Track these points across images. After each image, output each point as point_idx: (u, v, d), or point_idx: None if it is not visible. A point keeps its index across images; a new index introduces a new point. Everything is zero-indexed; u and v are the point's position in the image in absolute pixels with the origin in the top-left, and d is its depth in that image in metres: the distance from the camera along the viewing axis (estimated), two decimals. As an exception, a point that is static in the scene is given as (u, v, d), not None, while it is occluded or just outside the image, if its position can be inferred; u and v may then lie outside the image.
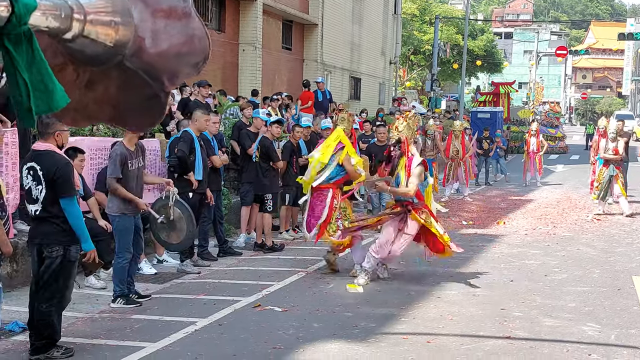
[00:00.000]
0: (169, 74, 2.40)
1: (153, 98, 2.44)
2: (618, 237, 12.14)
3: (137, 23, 2.30)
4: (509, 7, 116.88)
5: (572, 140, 44.95)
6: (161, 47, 2.34)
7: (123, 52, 2.30)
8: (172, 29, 2.34)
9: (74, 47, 2.24)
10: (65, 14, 2.11)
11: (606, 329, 6.60)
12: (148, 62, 2.34)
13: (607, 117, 16.97)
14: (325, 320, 6.78)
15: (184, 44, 2.35)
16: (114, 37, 2.24)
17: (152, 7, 2.33)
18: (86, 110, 2.49)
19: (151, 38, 2.33)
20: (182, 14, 2.34)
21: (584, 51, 65.99)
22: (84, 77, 2.41)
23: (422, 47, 45.80)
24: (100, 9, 2.24)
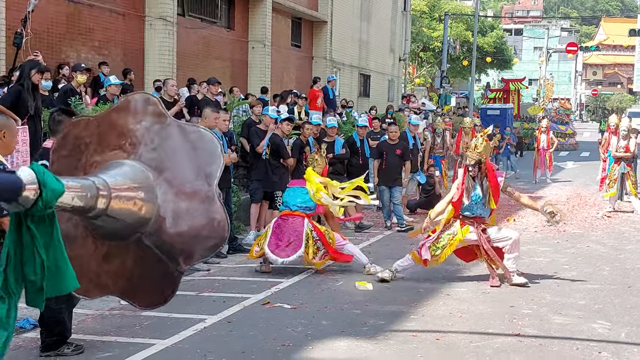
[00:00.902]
0: (186, 254, 2.42)
1: (167, 276, 2.45)
2: (628, 234, 12.10)
3: (160, 203, 2.33)
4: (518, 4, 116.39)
5: (583, 137, 44.76)
6: (181, 228, 2.37)
7: (143, 230, 2.32)
8: (194, 211, 2.36)
9: (97, 222, 2.27)
10: (91, 194, 2.14)
11: (616, 327, 6.58)
12: (166, 241, 2.37)
13: (618, 114, 16.90)
14: (334, 317, 6.79)
15: (204, 227, 2.37)
16: (136, 214, 2.27)
17: (176, 188, 2.36)
18: (99, 281, 2.52)
19: (172, 218, 2.35)
20: (204, 198, 2.36)
21: (595, 47, 65.64)
22: (102, 250, 2.44)
23: (431, 43, 45.71)
24: (126, 186, 2.27)
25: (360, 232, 11.89)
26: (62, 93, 10.49)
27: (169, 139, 2.48)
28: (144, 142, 2.49)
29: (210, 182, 2.44)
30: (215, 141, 2.44)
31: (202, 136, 2.48)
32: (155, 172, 2.44)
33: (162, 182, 2.43)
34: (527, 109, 44.04)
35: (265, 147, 10.52)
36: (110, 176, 2.35)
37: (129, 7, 15.92)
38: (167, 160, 2.46)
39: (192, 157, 2.45)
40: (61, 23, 14.00)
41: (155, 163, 2.45)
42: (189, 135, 2.48)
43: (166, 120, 2.50)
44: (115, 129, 2.55)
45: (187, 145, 2.47)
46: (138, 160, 2.47)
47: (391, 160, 12.26)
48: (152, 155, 2.47)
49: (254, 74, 21.13)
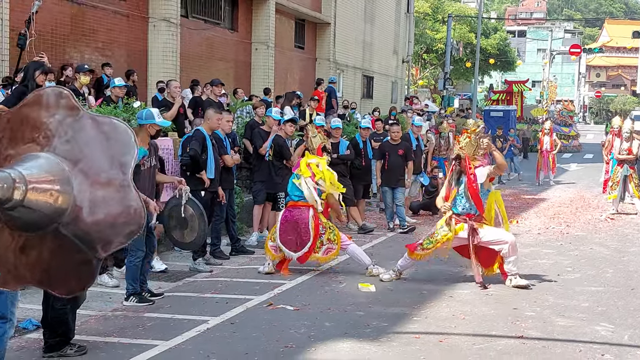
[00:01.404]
0: (103, 242, 2.47)
1: (85, 264, 2.51)
2: (632, 236, 12.08)
3: (76, 193, 2.39)
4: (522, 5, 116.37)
5: (586, 139, 44.71)
6: (98, 217, 2.42)
7: (60, 220, 2.37)
8: (110, 200, 2.42)
9: (13, 214, 2.32)
10: (7, 186, 2.20)
11: (619, 329, 6.57)
12: (84, 230, 2.42)
13: (621, 116, 16.89)
14: (337, 319, 6.79)
15: (120, 214, 2.43)
16: (52, 205, 2.33)
17: (91, 178, 2.42)
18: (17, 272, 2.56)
19: (89, 207, 2.41)
20: (119, 186, 2.42)
21: (598, 49, 65.60)
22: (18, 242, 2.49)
23: (434, 45, 45.71)
24: (42, 178, 2.33)
25: (363, 233, 11.87)
26: (65, 94, 10.49)
27: (82, 130, 2.53)
28: (58, 134, 2.55)
29: (125, 171, 2.50)
30: (129, 132, 2.50)
31: (115, 127, 2.54)
32: (70, 164, 2.50)
33: (78, 173, 2.48)
34: (530, 111, 44.04)
35: (268, 148, 10.53)
36: (26, 168, 2.40)
37: (132, 9, 15.94)
38: (81, 151, 2.52)
39: (106, 147, 2.51)
40: (65, 24, 14.02)
41: (70, 155, 2.51)
42: (102, 126, 2.54)
43: (79, 112, 2.56)
44: (28, 123, 2.61)
45: (100, 137, 2.53)
46: (53, 152, 2.53)
47: (394, 160, 12.26)
48: (67, 147, 2.52)
49: (257, 75, 21.14)
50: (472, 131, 8.35)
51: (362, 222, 12.19)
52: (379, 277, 8.41)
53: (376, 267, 8.63)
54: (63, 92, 2.56)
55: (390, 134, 12.71)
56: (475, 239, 8.06)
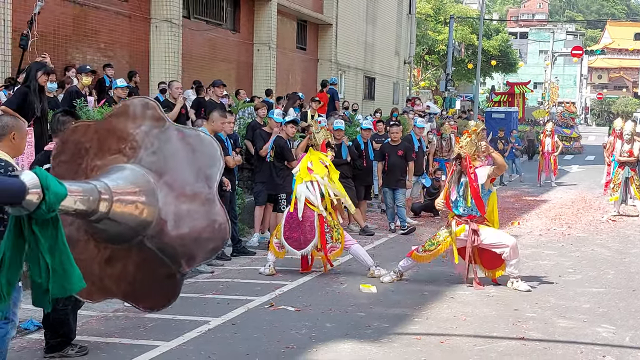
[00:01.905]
0: (187, 256, 2.44)
1: (169, 278, 2.48)
2: (633, 238, 12.08)
3: (161, 206, 2.35)
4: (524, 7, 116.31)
5: (588, 140, 44.67)
6: (182, 230, 2.39)
7: (145, 233, 2.34)
8: (195, 214, 2.39)
9: (99, 226, 2.29)
10: (93, 198, 2.16)
11: (621, 331, 6.57)
12: (168, 243, 2.39)
13: (623, 117, 16.88)
14: (338, 320, 6.79)
15: (205, 229, 2.39)
16: (137, 217, 2.30)
17: (177, 191, 2.38)
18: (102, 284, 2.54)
19: (173, 221, 2.38)
20: (205, 200, 2.39)
21: (600, 51, 65.48)
22: (104, 253, 2.47)
23: (436, 46, 45.68)
24: (128, 190, 2.30)
25: (365, 235, 11.87)
26: (67, 95, 10.52)
27: (168, 142, 2.50)
28: (144, 146, 2.52)
29: (210, 185, 2.46)
30: (214, 144, 2.46)
31: (201, 139, 2.51)
32: (155, 176, 2.47)
33: (163, 185, 2.45)
34: (532, 113, 44.00)
35: (269, 149, 10.53)
36: (112, 180, 2.37)
37: (134, 9, 15.96)
38: (167, 163, 2.49)
39: (192, 160, 2.48)
40: (67, 25, 14.04)
41: (155, 166, 2.48)
42: (188, 138, 2.51)
43: (165, 124, 2.53)
44: (115, 134, 2.58)
45: (186, 149, 2.50)
46: (138, 164, 2.50)
47: (394, 161, 12.27)
48: (152, 159, 2.49)
49: (259, 76, 21.16)
50: (472, 131, 8.35)
51: (364, 224, 12.19)
52: (380, 279, 8.41)
53: (378, 269, 8.64)
54: (150, 102, 2.53)
55: (390, 135, 12.72)
56: (476, 241, 8.06)
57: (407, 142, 13.09)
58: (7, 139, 4.81)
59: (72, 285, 2.15)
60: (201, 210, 2.41)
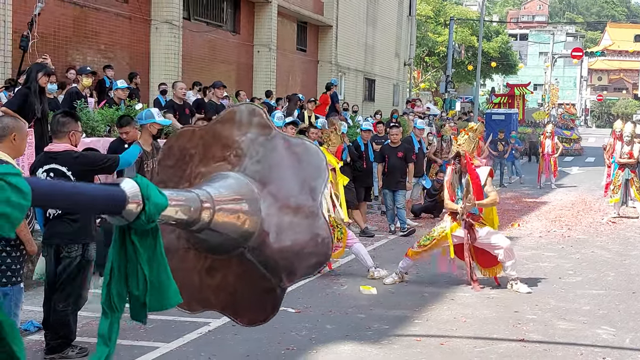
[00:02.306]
0: (288, 271, 2.40)
1: (269, 292, 2.44)
2: (633, 240, 12.08)
3: (264, 217, 2.32)
4: (524, 9, 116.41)
5: (588, 142, 44.67)
6: (284, 243, 2.35)
7: (246, 244, 2.31)
8: (298, 227, 2.34)
9: (200, 236, 2.26)
10: (194, 207, 2.13)
11: (621, 333, 6.57)
12: (269, 256, 2.35)
13: (623, 119, 16.89)
14: (338, 321, 6.79)
15: (307, 243, 2.35)
16: (239, 228, 2.26)
17: (280, 202, 2.34)
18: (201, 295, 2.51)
19: (275, 233, 2.33)
20: (309, 213, 2.34)
21: (600, 53, 65.61)
22: (204, 264, 2.43)
23: (436, 48, 45.72)
24: (231, 199, 2.26)
25: (365, 236, 11.87)
26: (67, 96, 10.53)
27: (274, 151, 2.46)
28: (249, 154, 2.48)
29: (314, 197, 2.40)
30: (320, 155, 2.42)
31: (307, 149, 2.46)
32: (259, 185, 2.42)
33: (266, 196, 2.41)
34: (532, 114, 44.00)
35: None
36: (215, 188, 2.33)
37: (135, 11, 15.97)
38: (271, 173, 2.44)
39: (297, 170, 2.42)
40: (67, 26, 14.05)
41: (259, 176, 2.44)
42: (294, 147, 2.45)
43: (271, 132, 2.48)
44: (220, 141, 2.53)
45: (292, 158, 2.44)
46: (242, 172, 2.45)
47: (394, 163, 12.27)
48: (257, 168, 2.45)
49: (259, 77, 21.18)
50: (470, 128, 8.38)
51: (364, 226, 12.19)
52: (380, 280, 8.42)
53: (377, 270, 8.64)
54: (256, 109, 2.50)
55: (390, 136, 12.73)
56: (472, 236, 8.03)
57: (407, 143, 13.09)
58: (7, 140, 4.82)
59: (169, 299, 2.14)
60: (304, 223, 2.36)
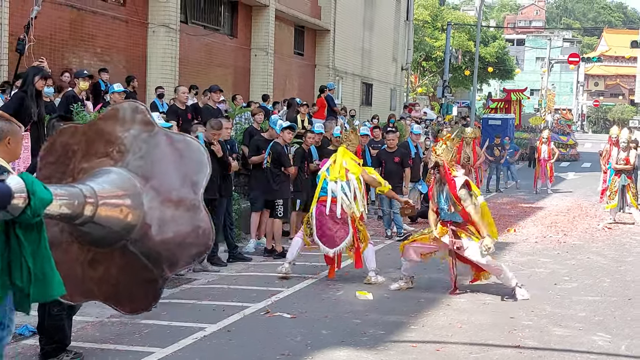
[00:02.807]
0: (170, 261, 2.45)
1: (151, 282, 2.48)
2: (629, 246, 12.09)
3: (146, 210, 2.36)
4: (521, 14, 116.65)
5: (584, 147, 44.71)
6: (166, 235, 2.40)
7: (129, 237, 2.34)
8: (179, 219, 2.40)
9: (83, 229, 2.29)
10: (78, 202, 2.16)
11: (616, 339, 6.57)
12: (152, 248, 2.40)
13: (619, 125, 16.93)
14: (334, 327, 6.78)
15: (189, 235, 2.40)
16: (122, 221, 2.29)
17: (162, 196, 2.39)
18: (84, 286, 2.53)
19: (158, 225, 2.38)
20: (190, 206, 2.40)
21: (596, 58, 65.74)
22: (87, 256, 2.46)
23: (433, 53, 45.79)
24: (113, 194, 2.29)
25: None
26: (64, 99, 10.51)
27: (157, 147, 2.50)
28: (132, 150, 2.52)
29: (196, 191, 2.47)
30: (202, 150, 2.47)
31: (189, 145, 2.51)
32: (142, 180, 2.47)
33: (149, 190, 2.45)
34: (529, 120, 44.09)
35: (267, 155, 10.51)
36: (98, 184, 2.37)
37: (132, 14, 15.97)
38: (154, 168, 2.48)
39: (179, 165, 2.48)
40: (64, 29, 14.04)
41: (142, 171, 2.48)
42: (176, 144, 2.51)
43: (154, 128, 2.53)
44: (103, 137, 2.58)
45: (174, 154, 2.49)
46: (125, 167, 2.49)
47: (390, 168, 12.29)
48: (139, 163, 2.49)
49: (256, 81, 21.18)
50: (447, 138, 8.41)
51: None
52: (376, 286, 8.43)
53: (376, 277, 8.63)
54: (139, 107, 2.53)
55: (386, 141, 12.74)
56: (456, 243, 8.01)
57: (403, 148, 13.11)
58: (2, 143, 4.79)
59: (52, 290, 2.16)
60: (186, 216, 2.41)
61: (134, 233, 2.40)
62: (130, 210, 2.37)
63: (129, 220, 2.35)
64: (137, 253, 2.44)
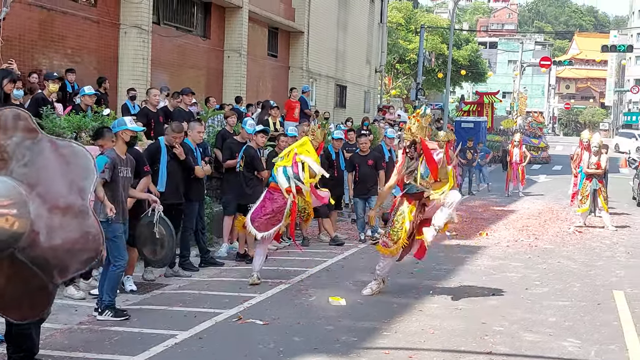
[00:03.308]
0: (60, 268, 2.41)
1: (41, 290, 2.44)
2: (599, 250, 12.21)
3: (33, 218, 2.32)
4: (493, 17, 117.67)
5: (555, 150, 45.22)
6: (55, 242, 2.36)
7: (16, 245, 2.30)
8: (68, 226, 2.36)
9: None
10: None
11: (586, 345, 6.62)
12: (40, 255, 2.36)
13: (590, 128, 17.12)
14: (307, 333, 6.75)
15: (78, 241, 2.37)
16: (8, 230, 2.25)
17: (49, 203, 2.35)
18: None
19: (46, 233, 2.35)
20: (78, 212, 2.36)
21: (568, 62, 66.44)
22: None
23: (407, 55, 45.98)
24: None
25: (335, 245, 11.85)
26: (33, 102, 10.35)
27: (41, 154, 2.48)
28: (15, 157, 2.49)
29: (83, 197, 2.44)
30: (88, 156, 2.44)
31: (74, 151, 2.48)
32: (27, 187, 2.44)
33: (35, 197, 2.42)
34: (501, 122, 44.45)
35: (239, 159, 10.44)
36: None
37: (103, 15, 15.79)
38: (39, 175, 2.46)
39: (65, 171, 2.45)
40: (33, 30, 13.83)
41: (27, 178, 2.45)
42: (61, 150, 2.48)
43: (37, 135, 2.50)
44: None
45: (59, 160, 2.47)
46: (10, 176, 2.46)
47: (364, 171, 12.30)
48: (24, 171, 2.46)
49: (230, 83, 21.07)
50: (417, 113, 8.38)
51: (334, 234, 12.16)
52: (350, 291, 8.40)
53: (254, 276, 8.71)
54: (21, 113, 2.49)
55: (359, 145, 12.73)
56: (424, 212, 8.16)
57: (377, 152, 13.12)
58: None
59: None
60: (74, 222, 2.39)
61: (21, 241, 2.37)
62: (16, 218, 2.33)
63: (16, 229, 2.32)
64: (26, 261, 2.41)
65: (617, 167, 29.23)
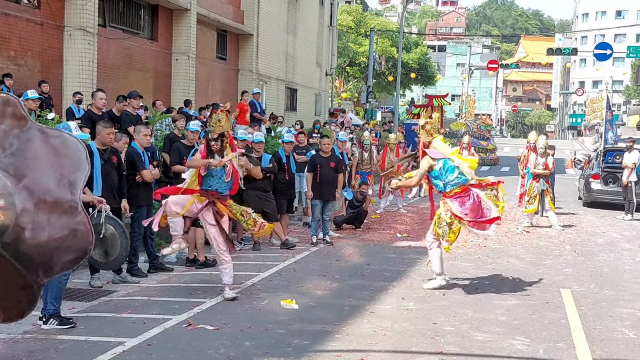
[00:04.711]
0: (45, 267, 2.29)
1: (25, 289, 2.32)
2: (546, 249, 12.42)
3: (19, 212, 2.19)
4: (442, 20, 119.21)
5: (503, 152, 45.96)
6: (41, 239, 2.23)
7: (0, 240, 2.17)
8: (55, 222, 2.23)
9: None
10: None
11: (534, 343, 6.71)
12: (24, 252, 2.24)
13: (537, 130, 17.44)
14: (258, 338, 6.68)
15: (65, 238, 2.25)
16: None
17: (37, 197, 2.23)
18: None
19: (32, 229, 2.22)
20: (67, 208, 2.24)
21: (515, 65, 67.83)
22: None
23: (357, 58, 46.22)
24: None
25: (286, 249, 11.79)
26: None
27: (30, 143, 2.34)
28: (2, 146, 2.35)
29: (73, 191, 2.32)
30: (80, 147, 2.31)
31: (65, 141, 2.34)
32: (14, 179, 2.30)
33: (22, 190, 2.29)
34: (450, 125, 45.03)
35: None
36: None
37: (47, 17, 15.46)
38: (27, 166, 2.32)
39: (55, 163, 2.32)
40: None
41: (14, 169, 2.32)
42: (51, 140, 2.34)
43: (27, 123, 2.36)
44: None
45: (49, 151, 2.33)
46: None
47: (326, 172, 12.19)
48: (11, 161, 2.33)
49: (178, 86, 20.86)
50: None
51: (284, 238, 12.10)
52: (302, 294, 8.36)
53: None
54: (10, 99, 2.35)
55: (321, 146, 12.59)
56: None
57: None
58: None
59: None
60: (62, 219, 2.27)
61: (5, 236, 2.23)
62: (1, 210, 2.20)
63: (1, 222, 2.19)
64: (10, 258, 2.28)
65: (564, 168, 29.86)
